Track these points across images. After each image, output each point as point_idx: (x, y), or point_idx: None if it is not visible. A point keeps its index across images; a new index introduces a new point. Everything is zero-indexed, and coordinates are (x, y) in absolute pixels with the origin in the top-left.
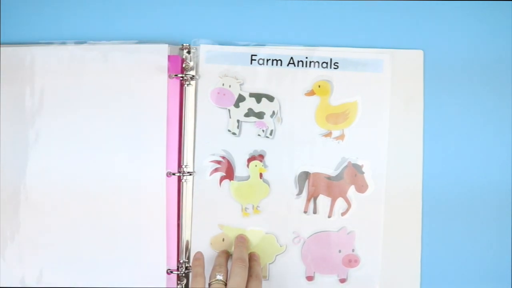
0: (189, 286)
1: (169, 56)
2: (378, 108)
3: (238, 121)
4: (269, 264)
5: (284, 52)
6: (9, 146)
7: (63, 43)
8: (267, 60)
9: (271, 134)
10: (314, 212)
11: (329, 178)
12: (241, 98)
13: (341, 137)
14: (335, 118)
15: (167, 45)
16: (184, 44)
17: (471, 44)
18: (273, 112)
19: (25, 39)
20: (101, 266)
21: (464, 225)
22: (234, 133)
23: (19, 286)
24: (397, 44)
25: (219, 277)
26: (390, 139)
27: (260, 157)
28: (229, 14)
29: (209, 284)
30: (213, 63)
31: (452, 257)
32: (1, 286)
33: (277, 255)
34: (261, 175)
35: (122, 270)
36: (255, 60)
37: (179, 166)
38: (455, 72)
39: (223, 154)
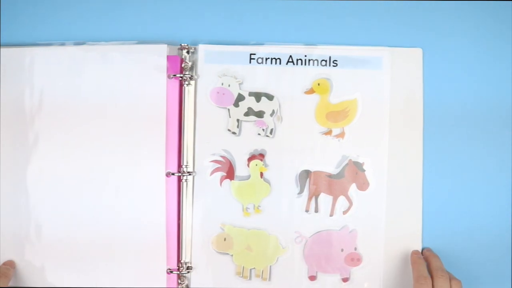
0: None
1: (168, 56)
2: (378, 106)
3: (238, 120)
4: (271, 265)
5: (283, 50)
6: (9, 147)
7: (62, 44)
8: (266, 59)
9: (271, 133)
10: (316, 211)
11: (330, 176)
12: (240, 97)
13: (341, 135)
14: (335, 116)
15: (166, 45)
16: (183, 44)
17: (470, 42)
18: (273, 111)
19: (24, 40)
20: (102, 266)
21: (466, 216)
22: (234, 133)
23: (21, 286)
24: (396, 43)
25: None
26: (390, 136)
27: (261, 156)
28: (227, 13)
29: None
30: (212, 62)
31: (453, 254)
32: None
33: (279, 256)
34: (261, 174)
35: (122, 270)
36: (254, 59)
37: (179, 166)
38: (454, 70)
39: (223, 153)
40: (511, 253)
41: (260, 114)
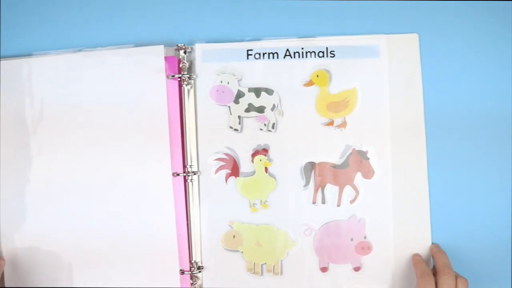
0: None
1: (165, 57)
2: (378, 93)
3: (239, 117)
4: (282, 260)
5: (279, 44)
6: (12, 158)
7: (59, 52)
8: (263, 54)
9: (273, 127)
10: (323, 202)
11: (334, 166)
12: (240, 94)
13: (343, 125)
14: (336, 107)
15: (162, 46)
16: (179, 45)
17: (467, 25)
18: (274, 105)
19: (21, 51)
20: (115, 269)
21: (471, 198)
22: (236, 130)
23: (28, 286)
24: (392, 29)
25: None
26: (392, 123)
27: (264, 151)
28: (221, 11)
29: None
30: (209, 61)
31: (462, 236)
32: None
33: (289, 250)
34: (266, 169)
35: (135, 273)
36: (251, 55)
37: (184, 166)
38: (452, 53)
39: (227, 151)
40: (511, 253)
41: (261, 109)
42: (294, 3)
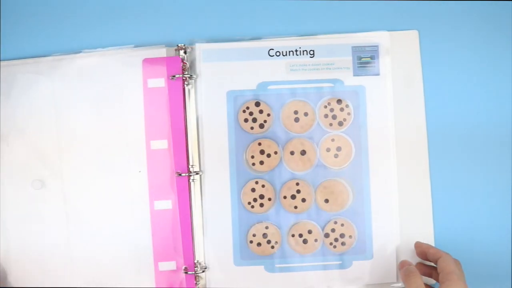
0: None
1: (168, 58)
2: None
3: None
4: None
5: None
6: (11, 159)
7: (60, 54)
8: None
9: None
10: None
11: None
12: None
13: None
14: None
15: (163, 46)
16: (179, 45)
17: (465, 21)
18: None
19: (21, 54)
20: (117, 268)
21: (472, 198)
22: None
23: (28, 286)
24: (392, 27)
25: None
26: (395, 121)
27: None
28: (222, 11)
29: None
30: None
31: (463, 237)
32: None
33: None
34: None
35: (138, 273)
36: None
37: (188, 166)
38: (452, 50)
39: None
40: (511, 253)
41: None
42: (294, 2)
